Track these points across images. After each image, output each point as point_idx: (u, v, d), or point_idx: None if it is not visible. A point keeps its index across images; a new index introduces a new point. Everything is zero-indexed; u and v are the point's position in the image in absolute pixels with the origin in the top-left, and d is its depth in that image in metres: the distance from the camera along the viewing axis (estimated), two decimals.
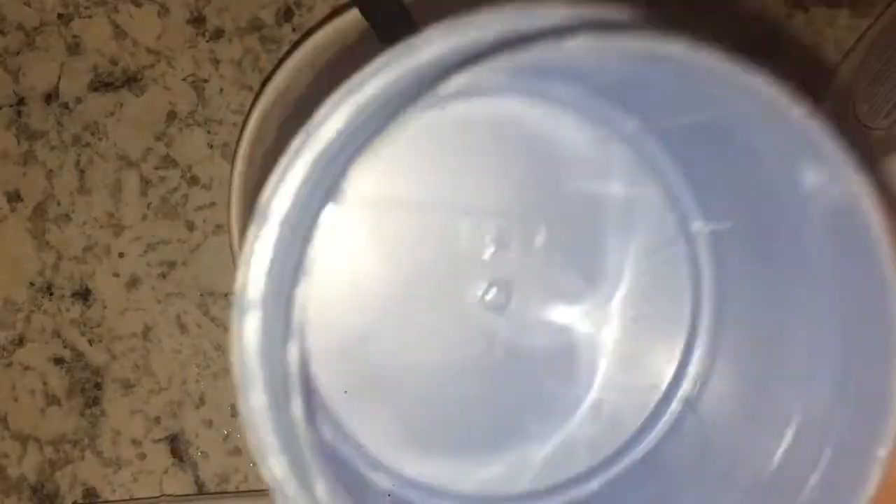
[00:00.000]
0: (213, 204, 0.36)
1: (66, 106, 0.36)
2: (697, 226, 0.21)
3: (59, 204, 0.36)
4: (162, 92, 0.36)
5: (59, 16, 0.36)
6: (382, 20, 0.28)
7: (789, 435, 0.17)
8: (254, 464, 0.35)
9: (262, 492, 0.35)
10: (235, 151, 0.31)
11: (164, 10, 0.36)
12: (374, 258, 0.22)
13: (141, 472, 0.35)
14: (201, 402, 0.36)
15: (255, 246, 0.16)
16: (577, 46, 0.14)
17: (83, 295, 0.36)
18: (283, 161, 0.16)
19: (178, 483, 0.35)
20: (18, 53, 0.36)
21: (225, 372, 0.36)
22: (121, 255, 0.36)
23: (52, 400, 0.36)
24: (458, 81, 0.14)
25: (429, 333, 0.22)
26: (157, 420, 0.36)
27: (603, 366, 0.22)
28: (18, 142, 0.36)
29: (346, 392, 0.23)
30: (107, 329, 0.36)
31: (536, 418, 0.22)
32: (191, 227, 0.36)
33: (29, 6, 0.36)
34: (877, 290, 0.15)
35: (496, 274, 0.22)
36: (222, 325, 0.36)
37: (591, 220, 0.21)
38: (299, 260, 0.16)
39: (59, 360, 0.36)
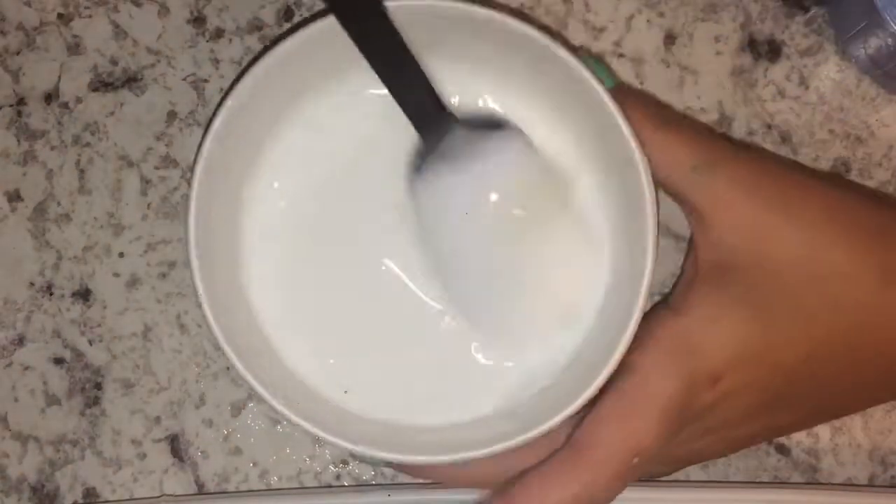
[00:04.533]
0: None
1: (66, 106, 0.36)
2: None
3: (59, 204, 0.36)
4: (162, 92, 0.36)
5: (59, 16, 0.36)
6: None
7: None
8: (254, 463, 0.35)
9: (263, 492, 0.35)
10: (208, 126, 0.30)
11: (164, 10, 0.36)
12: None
13: (141, 472, 0.35)
14: (201, 402, 0.36)
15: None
16: None
17: (83, 295, 0.36)
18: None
19: (178, 483, 0.35)
20: (18, 53, 0.36)
21: (225, 372, 0.36)
22: (121, 255, 0.36)
23: (52, 400, 0.36)
24: None
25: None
26: (157, 420, 0.36)
27: None
28: (18, 142, 0.36)
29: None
30: (107, 329, 0.36)
31: None
32: None
33: (29, 6, 0.36)
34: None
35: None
36: None
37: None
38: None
39: (59, 360, 0.36)
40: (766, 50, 0.36)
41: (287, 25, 0.36)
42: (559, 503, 0.29)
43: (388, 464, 0.33)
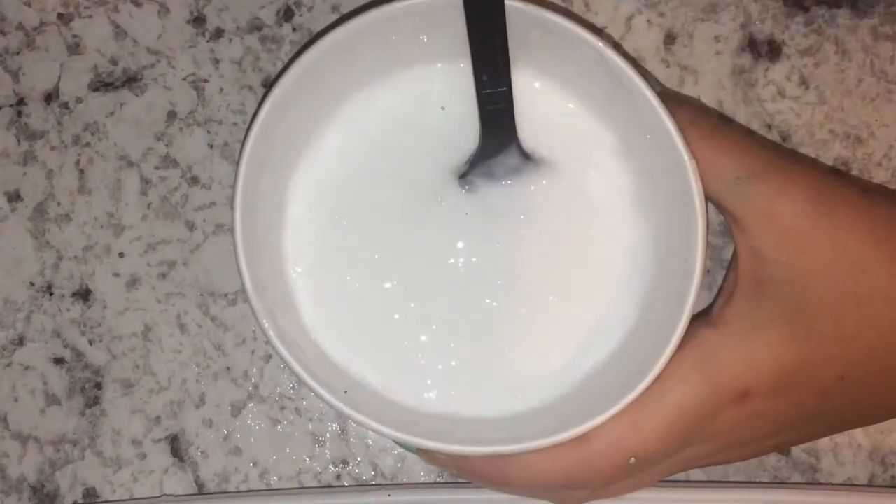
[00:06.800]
0: (213, 204, 0.36)
1: (66, 106, 0.36)
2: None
3: (59, 204, 0.36)
4: (162, 92, 0.36)
5: (59, 16, 0.36)
6: None
7: None
8: (254, 463, 0.35)
9: (263, 492, 0.35)
10: (242, 148, 0.30)
11: (164, 10, 0.36)
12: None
13: (141, 472, 0.35)
14: (201, 402, 0.36)
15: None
16: None
17: (83, 295, 0.36)
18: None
19: (178, 483, 0.35)
20: (18, 53, 0.36)
21: (225, 372, 0.36)
22: (121, 255, 0.36)
23: (52, 400, 0.36)
24: None
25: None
26: (157, 420, 0.36)
27: None
28: (18, 142, 0.36)
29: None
30: (107, 329, 0.36)
31: None
32: (191, 227, 0.36)
33: (29, 6, 0.36)
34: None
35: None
36: (222, 325, 0.36)
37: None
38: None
39: (59, 360, 0.36)
40: (766, 50, 0.36)
41: (287, 25, 0.36)
42: (545, 473, 0.29)
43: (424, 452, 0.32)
